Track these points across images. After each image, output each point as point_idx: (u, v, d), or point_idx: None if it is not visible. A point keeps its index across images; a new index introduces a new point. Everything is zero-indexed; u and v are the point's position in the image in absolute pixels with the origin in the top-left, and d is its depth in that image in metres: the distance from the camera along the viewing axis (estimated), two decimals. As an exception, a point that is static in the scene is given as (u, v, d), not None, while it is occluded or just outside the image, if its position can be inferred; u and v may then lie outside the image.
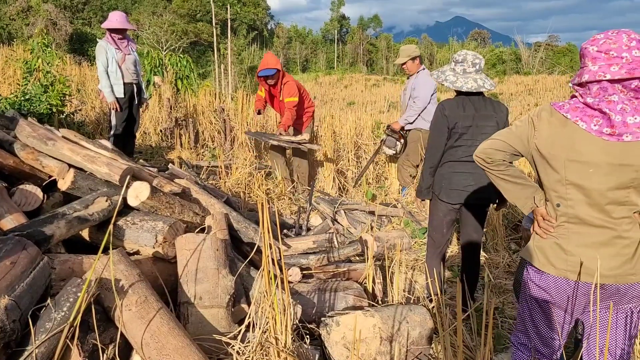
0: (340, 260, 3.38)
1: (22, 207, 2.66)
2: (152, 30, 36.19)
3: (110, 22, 5.51)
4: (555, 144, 1.79)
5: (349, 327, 2.50)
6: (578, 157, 1.75)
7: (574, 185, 1.79)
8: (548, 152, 1.82)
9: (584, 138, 1.74)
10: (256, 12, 59.86)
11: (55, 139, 2.99)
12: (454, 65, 3.15)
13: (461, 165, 3.15)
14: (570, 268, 1.85)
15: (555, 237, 1.89)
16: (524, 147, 1.90)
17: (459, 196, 3.18)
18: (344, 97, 31.35)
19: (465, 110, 3.08)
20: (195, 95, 9.81)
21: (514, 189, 1.97)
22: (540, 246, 1.94)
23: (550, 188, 1.88)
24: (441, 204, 3.26)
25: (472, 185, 3.15)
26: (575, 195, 1.81)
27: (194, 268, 2.42)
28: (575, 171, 1.77)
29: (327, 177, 6.40)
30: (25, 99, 5.19)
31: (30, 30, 27.50)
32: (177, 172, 3.94)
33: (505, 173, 1.96)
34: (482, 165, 2.00)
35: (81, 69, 11.97)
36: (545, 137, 1.82)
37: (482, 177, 3.08)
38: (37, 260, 1.97)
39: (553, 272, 1.89)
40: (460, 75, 3.11)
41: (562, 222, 1.87)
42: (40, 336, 1.73)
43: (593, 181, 1.75)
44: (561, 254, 1.87)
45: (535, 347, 2.09)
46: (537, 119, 1.85)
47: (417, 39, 70.32)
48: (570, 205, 1.83)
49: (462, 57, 3.13)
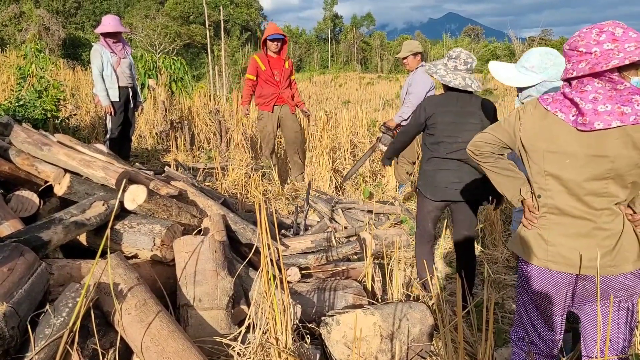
0: (339, 259, 3.38)
1: (18, 213, 2.65)
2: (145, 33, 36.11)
3: (104, 27, 5.50)
4: (537, 136, 1.84)
5: (349, 325, 2.50)
6: (556, 148, 1.79)
7: (552, 176, 1.83)
8: (530, 144, 1.87)
9: (562, 129, 1.78)
10: (249, 13, 59.80)
11: (51, 144, 2.98)
12: (447, 61, 3.22)
13: (445, 162, 3.21)
14: (550, 258, 1.88)
15: (537, 227, 1.93)
16: (511, 140, 1.95)
17: (443, 193, 3.22)
18: (339, 96, 31.36)
19: (448, 106, 3.16)
20: (189, 97, 9.79)
21: (503, 181, 2.02)
22: (524, 236, 1.98)
23: (532, 180, 1.93)
24: (426, 201, 3.33)
25: (457, 183, 3.18)
26: (553, 186, 1.84)
27: (193, 270, 2.41)
28: (553, 162, 1.81)
29: (324, 176, 6.40)
30: (19, 105, 5.18)
31: (23, 36, 27.40)
32: (173, 174, 3.93)
33: (494, 165, 2.02)
34: (472, 157, 2.07)
35: (75, 74, 11.94)
36: (528, 129, 1.87)
37: (468, 174, 3.17)
38: (35, 266, 1.97)
39: (535, 262, 1.93)
40: (450, 71, 3.18)
41: (544, 212, 1.91)
42: (40, 342, 1.72)
43: (570, 172, 1.78)
44: (542, 244, 1.91)
45: (532, 341, 2.10)
46: (523, 112, 1.91)
47: (410, 36, 70.43)
48: (550, 196, 1.86)
49: (456, 54, 3.20)
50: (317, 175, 6.47)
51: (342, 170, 6.88)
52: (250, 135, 7.92)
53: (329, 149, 6.72)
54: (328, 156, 6.59)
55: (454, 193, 3.20)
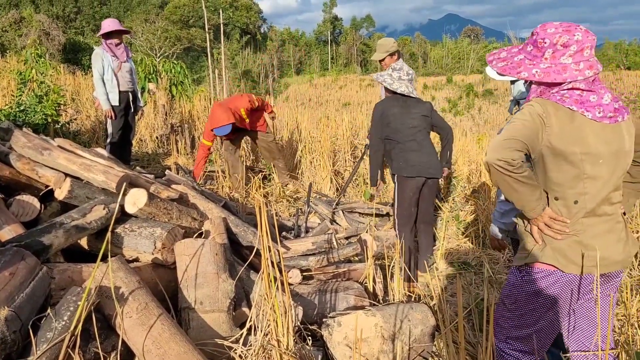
0: (340, 261, 3.38)
1: (19, 218, 2.66)
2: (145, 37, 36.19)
3: (104, 28, 5.52)
4: (570, 139, 1.75)
5: (351, 327, 2.50)
6: (589, 149, 1.75)
7: (591, 178, 1.77)
8: (564, 148, 1.75)
9: (591, 128, 1.75)
10: (249, 16, 59.94)
11: (51, 149, 2.98)
12: (392, 72, 3.92)
13: (409, 145, 3.77)
14: (593, 263, 1.80)
15: (573, 235, 1.82)
16: (534, 143, 1.78)
17: (419, 169, 3.74)
18: (339, 98, 31.39)
19: (397, 100, 3.83)
20: (190, 100, 9.81)
21: (527, 191, 1.79)
22: (558, 247, 1.83)
23: (564, 185, 1.80)
24: (408, 181, 3.79)
25: (426, 162, 3.77)
26: (591, 189, 1.78)
27: (194, 273, 2.42)
28: (590, 164, 1.76)
29: (325, 178, 6.40)
30: (20, 110, 5.19)
31: (23, 41, 27.44)
32: (174, 178, 3.94)
33: (524, 175, 1.77)
34: (504, 172, 1.75)
35: (75, 79, 11.96)
36: (558, 132, 1.75)
37: (431, 155, 3.80)
38: (36, 271, 1.97)
39: (575, 270, 1.81)
40: (396, 80, 3.85)
41: (579, 218, 1.81)
42: (42, 346, 1.72)
43: (603, 171, 1.77)
44: (580, 251, 1.81)
45: (538, 349, 2.00)
46: (545, 115, 1.76)
47: (410, 37, 70.46)
48: (588, 200, 1.79)
49: (399, 66, 4.10)
50: (317, 178, 6.47)
51: (342, 173, 6.88)
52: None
53: (329, 151, 6.73)
54: (328, 158, 6.59)
55: (426, 170, 3.76)
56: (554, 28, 1.79)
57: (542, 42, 1.80)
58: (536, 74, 1.80)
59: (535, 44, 1.83)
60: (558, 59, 1.78)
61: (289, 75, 60.64)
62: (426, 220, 4.02)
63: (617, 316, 2.84)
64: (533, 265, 1.89)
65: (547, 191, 1.84)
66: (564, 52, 1.76)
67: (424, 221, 4.01)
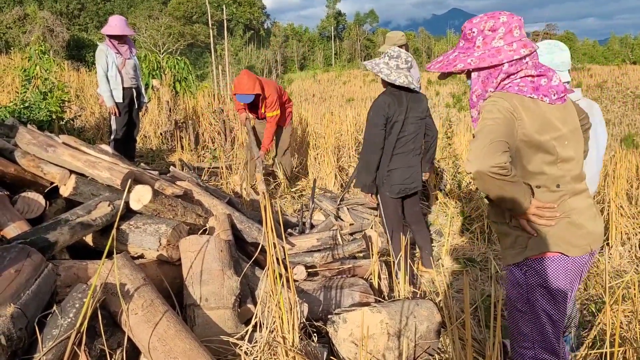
0: (345, 257, 3.37)
1: (24, 215, 2.66)
2: (149, 33, 36.19)
3: (110, 28, 5.50)
4: (540, 128, 1.77)
5: (356, 323, 2.49)
6: (557, 133, 1.80)
7: (564, 160, 1.82)
8: (536, 138, 1.77)
9: (551, 112, 1.80)
10: (252, 12, 59.85)
11: (56, 146, 2.98)
12: (388, 60, 3.39)
13: (398, 160, 3.50)
14: (590, 240, 1.85)
15: (565, 216, 1.82)
16: (512, 140, 1.75)
17: (401, 188, 3.55)
18: (342, 94, 31.33)
19: (401, 104, 3.40)
20: (194, 97, 9.80)
21: (517, 190, 1.75)
22: (554, 233, 1.82)
23: (543, 173, 1.81)
24: (389, 199, 3.59)
25: (409, 178, 3.55)
26: (567, 171, 1.83)
27: (199, 270, 2.41)
28: (560, 147, 1.81)
29: (329, 174, 6.39)
30: (24, 107, 5.19)
31: (27, 38, 27.49)
32: (178, 174, 3.93)
33: (514, 175, 1.72)
34: (499, 177, 1.68)
35: (79, 75, 11.97)
36: (529, 123, 1.76)
37: (414, 169, 3.57)
38: (42, 268, 1.97)
39: (577, 252, 1.82)
40: (393, 70, 3.37)
41: (564, 200, 1.83)
42: (48, 343, 1.72)
43: (571, 151, 1.83)
44: (577, 231, 1.83)
45: (552, 350, 1.93)
46: (513, 108, 1.75)
47: (414, 32, 70.24)
48: (567, 181, 1.84)
49: (396, 53, 3.39)
50: (322, 174, 6.46)
51: (347, 168, 6.87)
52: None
53: (333, 147, 6.71)
54: (332, 154, 6.58)
55: (408, 187, 3.58)
56: (479, 18, 1.86)
57: (471, 33, 1.85)
58: (472, 62, 1.83)
59: (466, 37, 1.88)
60: (490, 43, 1.82)
61: (293, 70, 60.58)
62: (416, 221, 3.91)
63: (625, 312, 2.82)
64: (535, 257, 1.86)
65: (529, 182, 1.83)
66: (494, 36, 1.81)
67: (415, 222, 3.91)
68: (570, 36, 59.67)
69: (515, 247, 1.89)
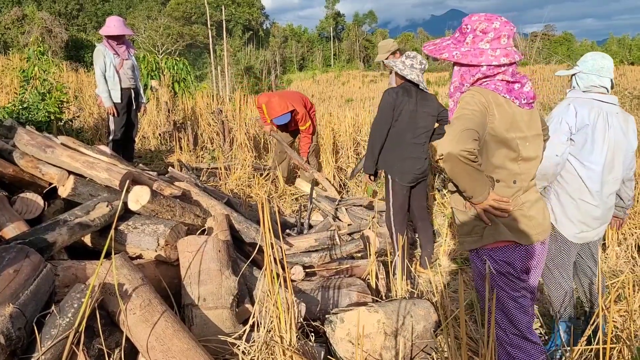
0: (343, 257, 3.39)
1: (23, 216, 2.67)
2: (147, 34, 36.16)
3: (108, 29, 5.50)
4: (508, 125, 1.91)
5: (354, 323, 2.51)
6: (522, 133, 1.95)
7: (524, 159, 1.97)
8: (503, 134, 1.91)
9: (520, 115, 1.95)
10: (251, 12, 59.81)
11: (54, 146, 2.99)
12: (405, 59, 3.73)
13: (410, 149, 3.68)
14: (540, 230, 2.01)
15: (518, 209, 1.97)
16: (482, 131, 1.88)
17: (412, 178, 3.72)
18: (341, 94, 31.32)
19: (411, 96, 3.64)
20: (192, 97, 9.80)
21: (480, 178, 1.86)
22: (507, 223, 1.97)
23: (504, 168, 1.95)
24: (399, 186, 3.74)
25: (420, 168, 3.73)
26: (525, 169, 1.98)
27: (197, 270, 2.43)
28: (522, 147, 1.95)
29: (327, 174, 6.40)
30: (23, 108, 5.19)
31: (25, 38, 27.42)
32: (177, 175, 3.95)
33: (479, 163, 1.84)
34: (467, 162, 1.77)
35: (78, 76, 11.97)
36: (499, 119, 1.90)
37: (424, 161, 3.75)
38: (41, 268, 1.98)
39: (529, 241, 1.98)
40: (407, 67, 3.68)
41: (518, 195, 1.99)
42: (46, 343, 1.74)
43: (531, 152, 1.99)
44: (528, 222, 1.98)
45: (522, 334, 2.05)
46: (488, 103, 1.89)
47: (413, 33, 70.28)
48: (524, 179, 1.98)
49: (413, 54, 3.73)
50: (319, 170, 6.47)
51: (345, 169, 6.88)
52: (253, 135, 7.92)
53: (332, 148, 6.73)
54: (331, 154, 6.59)
55: (419, 176, 3.76)
56: (477, 17, 1.97)
57: (466, 28, 1.98)
58: (455, 55, 1.97)
59: (461, 30, 2.01)
60: (477, 43, 1.94)
61: (292, 71, 60.54)
62: (422, 217, 4.01)
63: (620, 312, 2.84)
64: (491, 246, 2.00)
65: (490, 175, 1.96)
66: (482, 38, 1.93)
67: (421, 218, 4.01)
68: (569, 37, 59.66)
69: (472, 234, 2.04)
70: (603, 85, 2.72)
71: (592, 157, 2.67)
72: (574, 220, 2.76)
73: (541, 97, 17.27)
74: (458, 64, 1.99)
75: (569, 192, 2.76)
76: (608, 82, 2.73)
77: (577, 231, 2.77)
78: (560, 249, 2.84)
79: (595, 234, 2.82)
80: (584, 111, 2.67)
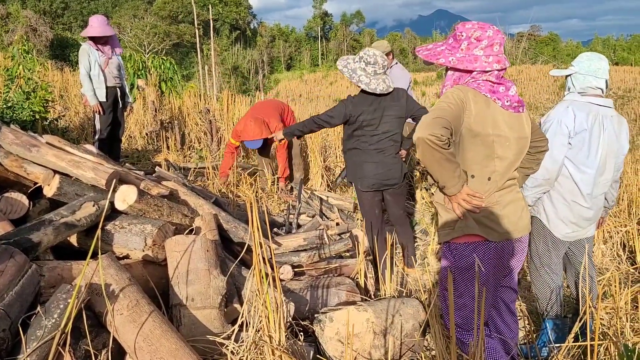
0: (332, 257, 3.39)
1: (7, 215, 2.63)
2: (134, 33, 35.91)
3: (92, 29, 5.43)
4: (486, 122, 1.99)
5: (343, 322, 2.51)
6: (500, 132, 2.01)
7: (500, 158, 2.03)
8: (480, 130, 1.99)
9: (501, 115, 2.02)
10: (238, 12, 59.64)
11: (39, 146, 2.95)
12: (365, 66, 3.45)
13: (367, 155, 3.53)
14: (512, 228, 2.07)
15: (490, 206, 2.04)
16: (457, 124, 1.97)
17: (372, 182, 3.56)
18: (329, 94, 31.36)
19: (372, 105, 3.45)
20: (179, 97, 9.75)
21: (451, 168, 1.92)
22: (478, 218, 2.04)
23: (478, 163, 2.02)
24: (362, 194, 3.66)
25: (382, 174, 3.55)
26: (500, 167, 2.04)
27: (185, 270, 2.41)
28: (500, 146, 2.02)
29: (315, 174, 6.40)
30: (7, 107, 5.12)
31: (10, 37, 27.08)
32: (164, 174, 3.92)
33: (450, 152, 1.92)
34: (434, 147, 1.85)
35: (63, 75, 11.83)
36: (475, 115, 1.98)
37: (390, 166, 3.55)
38: (26, 268, 1.96)
39: (496, 238, 2.04)
40: (372, 77, 3.42)
41: (492, 192, 2.04)
42: (32, 344, 1.71)
43: (508, 152, 2.04)
44: (497, 220, 2.05)
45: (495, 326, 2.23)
46: (466, 100, 1.98)
47: (400, 33, 70.56)
48: (498, 177, 2.04)
49: (373, 59, 3.44)
50: (309, 174, 6.47)
51: (333, 169, 6.88)
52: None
53: (320, 147, 6.72)
54: (319, 154, 6.59)
55: (383, 182, 3.57)
56: (471, 25, 2.06)
57: (460, 36, 2.07)
58: (452, 61, 2.06)
59: (455, 37, 2.09)
60: (472, 50, 2.04)
61: (279, 71, 60.51)
62: (400, 223, 3.92)
63: (606, 309, 2.87)
64: (460, 240, 2.08)
65: (465, 170, 2.03)
66: (477, 45, 2.03)
67: (399, 224, 3.92)
68: (554, 37, 60.26)
69: (445, 227, 2.12)
70: (599, 87, 2.76)
71: (588, 161, 2.69)
72: (566, 221, 2.80)
73: (527, 96, 17.44)
74: (453, 69, 2.09)
75: (561, 194, 2.78)
76: (603, 83, 2.76)
77: (569, 231, 2.81)
78: (548, 248, 2.87)
79: (586, 232, 2.87)
80: (582, 115, 2.69)
